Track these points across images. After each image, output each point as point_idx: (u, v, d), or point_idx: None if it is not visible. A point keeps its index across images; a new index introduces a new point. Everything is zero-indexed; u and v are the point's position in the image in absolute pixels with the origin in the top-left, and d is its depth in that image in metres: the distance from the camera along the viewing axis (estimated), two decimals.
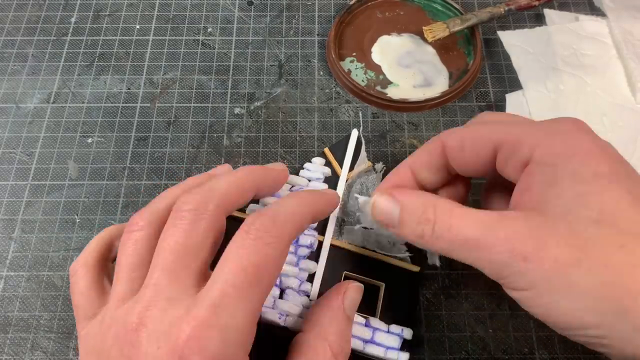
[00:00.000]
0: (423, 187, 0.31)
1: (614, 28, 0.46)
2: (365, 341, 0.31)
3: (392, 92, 0.44)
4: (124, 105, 0.44)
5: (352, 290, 0.29)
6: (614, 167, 0.24)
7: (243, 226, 0.24)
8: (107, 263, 0.29)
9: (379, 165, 0.38)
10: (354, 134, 0.38)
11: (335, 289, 0.29)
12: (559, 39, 0.46)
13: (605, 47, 0.45)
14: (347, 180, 0.36)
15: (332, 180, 0.36)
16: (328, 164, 0.37)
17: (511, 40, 0.46)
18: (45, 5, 0.50)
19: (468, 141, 0.28)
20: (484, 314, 0.36)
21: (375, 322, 0.32)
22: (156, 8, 0.49)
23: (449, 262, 0.37)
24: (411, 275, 0.34)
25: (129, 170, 0.41)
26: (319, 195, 0.30)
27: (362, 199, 0.31)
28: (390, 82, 0.45)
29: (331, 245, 0.34)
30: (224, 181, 0.27)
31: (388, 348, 0.32)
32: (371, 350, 0.31)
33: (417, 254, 0.35)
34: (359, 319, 0.32)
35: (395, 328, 0.32)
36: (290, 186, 0.35)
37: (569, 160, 0.24)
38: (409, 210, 0.26)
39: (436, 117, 0.43)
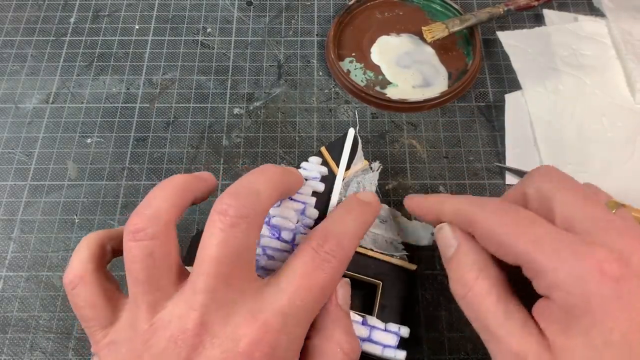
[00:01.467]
0: None
1: (613, 28, 0.46)
2: (362, 339, 0.31)
3: (391, 93, 0.44)
4: (123, 105, 0.44)
5: (340, 287, 0.29)
6: (629, 327, 0.22)
7: (312, 242, 0.26)
8: (104, 268, 0.27)
9: (376, 164, 0.38)
10: (351, 132, 0.37)
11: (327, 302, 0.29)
12: (558, 39, 0.46)
13: (605, 48, 0.46)
14: (343, 179, 0.36)
15: (328, 180, 0.36)
16: (325, 163, 0.36)
17: (510, 40, 0.46)
18: (44, 6, 0.50)
19: (492, 246, 0.26)
20: None
21: (372, 320, 0.32)
22: (155, 8, 0.49)
23: None
24: (408, 273, 0.34)
25: (128, 170, 0.41)
26: (371, 211, 0.30)
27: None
28: (389, 83, 0.45)
29: None
30: (264, 184, 0.26)
31: (385, 346, 0.32)
32: (368, 348, 0.31)
33: (414, 252, 0.35)
34: (356, 317, 0.32)
35: (392, 326, 0.32)
36: None
37: (584, 316, 0.22)
38: (460, 257, 0.27)
39: (435, 117, 0.43)
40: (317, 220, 0.34)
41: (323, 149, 0.37)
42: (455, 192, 0.40)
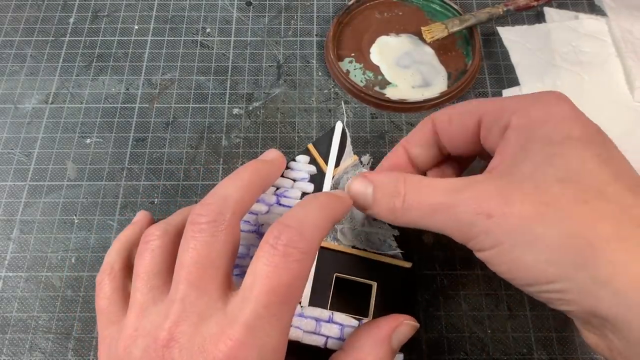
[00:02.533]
0: (417, 168, 0.32)
1: (613, 26, 0.46)
2: None
3: (391, 93, 0.44)
4: (122, 105, 0.44)
5: (405, 327, 0.28)
6: (586, 131, 0.25)
7: (269, 238, 0.24)
8: (129, 270, 0.29)
9: (366, 158, 0.37)
10: (338, 126, 0.36)
11: (388, 319, 0.29)
12: (558, 36, 0.46)
13: (604, 45, 0.46)
14: (333, 177, 0.35)
15: (317, 179, 0.35)
16: (313, 161, 0.35)
17: (510, 36, 0.46)
18: (43, 6, 0.50)
19: (455, 115, 0.29)
20: (482, 314, 0.36)
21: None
22: (154, 9, 0.49)
23: (447, 263, 0.37)
24: (404, 271, 0.34)
25: (128, 170, 0.41)
26: (336, 199, 0.29)
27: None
28: (388, 83, 0.45)
29: (320, 247, 0.33)
30: (234, 187, 0.27)
31: None
32: None
33: (409, 250, 0.34)
34: (352, 321, 0.31)
35: None
36: (275, 189, 0.34)
37: (543, 125, 0.25)
38: (381, 187, 0.27)
39: None
40: None
41: (310, 146, 0.36)
42: None
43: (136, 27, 0.48)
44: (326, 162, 0.35)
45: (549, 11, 0.48)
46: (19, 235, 0.39)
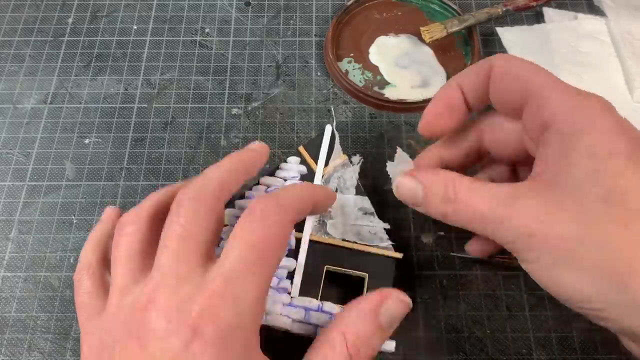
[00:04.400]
0: (468, 109, 0.30)
1: (612, 27, 0.46)
2: None
3: (390, 93, 0.44)
4: (121, 105, 0.44)
5: (394, 303, 0.27)
6: (632, 147, 0.23)
7: (248, 208, 0.25)
8: (107, 264, 0.29)
9: (356, 158, 0.37)
10: (328, 129, 0.37)
11: (375, 292, 0.28)
12: (558, 36, 0.46)
13: (604, 46, 0.46)
14: (322, 176, 0.35)
15: (308, 178, 0.35)
16: (304, 162, 0.36)
17: (509, 36, 0.46)
18: (42, 6, 0.50)
19: (510, 76, 0.27)
20: (481, 314, 0.35)
21: None
22: (153, 9, 0.49)
23: (446, 264, 0.37)
24: (395, 262, 0.33)
25: (127, 170, 0.41)
26: (319, 187, 0.31)
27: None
28: (387, 83, 0.45)
29: (310, 240, 0.33)
30: (217, 171, 0.28)
31: None
32: None
33: (400, 241, 0.34)
34: (340, 309, 0.31)
35: None
36: (266, 187, 0.35)
37: (587, 135, 0.24)
38: (431, 189, 0.27)
39: None
40: (297, 222, 0.34)
41: (301, 148, 0.36)
42: None
43: (135, 27, 0.48)
44: (316, 162, 0.36)
45: (548, 11, 0.48)
46: (18, 235, 0.39)
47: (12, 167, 0.41)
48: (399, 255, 0.33)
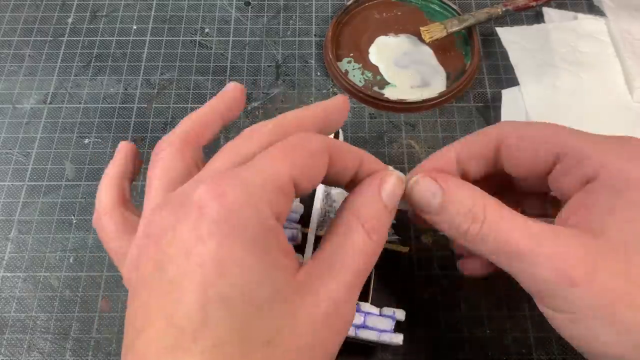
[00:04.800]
0: (463, 178, 0.29)
1: (612, 27, 0.46)
2: (357, 326, 0.31)
3: (390, 93, 0.44)
4: (120, 105, 0.44)
5: (390, 181, 0.25)
6: None
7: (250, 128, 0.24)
8: (125, 202, 0.27)
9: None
10: None
11: (371, 178, 0.26)
12: (557, 36, 0.46)
13: (603, 46, 0.46)
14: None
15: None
16: None
17: (509, 36, 0.46)
18: (42, 6, 0.50)
19: (528, 139, 0.26)
20: (481, 315, 0.35)
21: (366, 306, 0.32)
22: (153, 9, 0.49)
23: (447, 264, 0.37)
24: (401, 256, 0.33)
25: None
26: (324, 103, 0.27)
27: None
28: (387, 83, 0.45)
29: (316, 236, 0.33)
30: (186, 119, 0.27)
31: (381, 331, 0.31)
32: (363, 334, 0.31)
33: (405, 235, 0.34)
34: None
35: (387, 310, 0.32)
36: None
37: (638, 188, 0.23)
38: (455, 203, 0.25)
39: (433, 117, 0.43)
40: (303, 217, 0.33)
41: None
42: None
43: (135, 27, 0.48)
44: None
45: (548, 11, 0.48)
46: (17, 235, 0.39)
47: (11, 167, 0.41)
48: (405, 249, 0.33)
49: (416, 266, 0.37)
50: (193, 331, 0.19)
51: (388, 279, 0.33)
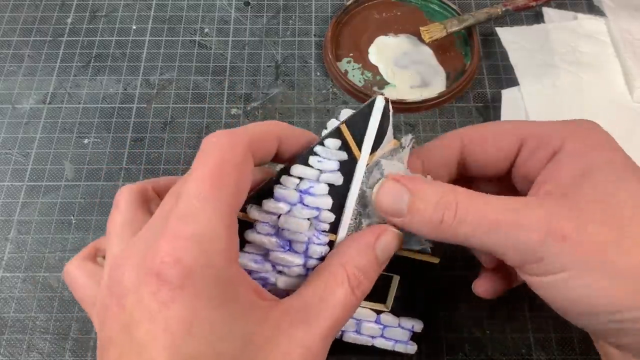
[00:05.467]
0: None
1: (612, 27, 0.46)
2: (374, 337, 0.31)
3: (389, 93, 0.44)
4: (120, 106, 0.44)
5: (389, 234, 0.26)
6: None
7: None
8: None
9: (407, 138, 0.29)
10: (379, 102, 0.27)
11: (369, 229, 0.27)
12: (557, 36, 0.46)
13: (603, 46, 0.45)
14: (367, 165, 0.28)
15: (347, 167, 0.27)
16: (344, 145, 0.27)
17: (509, 36, 0.46)
18: (41, 6, 0.50)
19: (491, 135, 0.28)
20: (481, 315, 0.35)
21: (385, 319, 0.31)
22: (152, 9, 0.49)
23: (446, 264, 0.37)
24: (429, 266, 0.31)
25: (126, 171, 0.41)
26: (285, 124, 0.28)
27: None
28: (387, 83, 0.45)
29: None
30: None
31: (397, 341, 0.31)
32: (379, 343, 0.31)
33: (439, 244, 0.32)
34: (369, 314, 0.30)
35: (405, 322, 0.31)
36: (298, 181, 0.27)
37: (601, 152, 0.24)
38: (422, 197, 0.25)
39: (433, 117, 0.43)
40: (333, 223, 0.28)
41: (343, 127, 0.27)
42: None
43: (134, 27, 0.48)
44: (360, 148, 0.28)
45: (547, 11, 0.48)
46: (17, 235, 0.38)
47: (11, 167, 0.41)
48: (436, 259, 0.31)
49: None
50: None
51: (413, 288, 0.32)
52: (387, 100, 0.27)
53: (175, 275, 0.20)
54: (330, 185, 0.27)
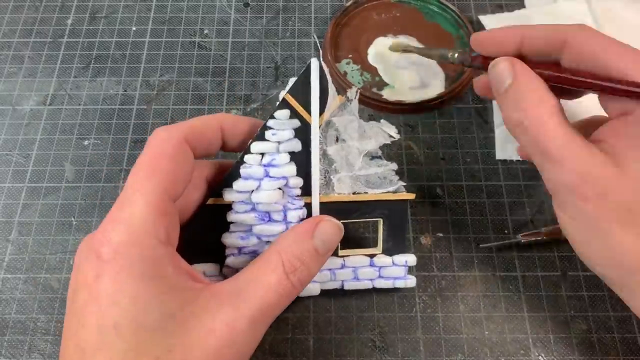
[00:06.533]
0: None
1: (594, 5, 0.46)
2: (373, 279, 0.33)
3: (388, 94, 0.44)
4: (120, 107, 0.44)
5: (327, 224, 0.29)
6: None
7: None
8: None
9: (352, 91, 0.31)
10: (314, 64, 0.29)
11: (309, 219, 0.29)
12: (539, 19, 0.46)
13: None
14: (320, 126, 0.30)
15: (302, 132, 0.30)
16: (293, 113, 0.29)
17: (492, 23, 0.47)
18: (41, 7, 0.50)
19: (597, 42, 0.28)
20: (479, 315, 0.36)
21: (379, 260, 0.33)
22: (152, 10, 0.49)
23: (445, 265, 0.37)
24: (407, 203, 0.33)
25: (126, 172, 0.41)
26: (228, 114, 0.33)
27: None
28: (386, 84, 0.45)
29: (321, 202, 0.31)
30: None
31: (395, 278, 0.34)
32: (380, 284, 0.33)
33: (410, 182, 0.35)
34: (363, 260, 0.33)
35: (399, 259, 0.33)
36: (260, 157, 0.30)
37: None
38: (518, 89, 0.27)
39: (432, 119, 0.43)
40: (303, 187, 0.31)
41: (288, 96, 0.29)
42: (452, 194, 0.40)
43: (134, 28, 0.48)
44: (309, 112, 0.29)
45: None
46: (18, 237, 0.39)
47: (11, 168, 0.41)
48: (411, 195, 0.32)
49: (415, 267, 0.37)
50: (92, 352, 0.22)
51: (396, 225, 0.33)
52: (319, 60, 0.29)
53: (105, 252, 0.24)
54: (292, 153, 0.30)
